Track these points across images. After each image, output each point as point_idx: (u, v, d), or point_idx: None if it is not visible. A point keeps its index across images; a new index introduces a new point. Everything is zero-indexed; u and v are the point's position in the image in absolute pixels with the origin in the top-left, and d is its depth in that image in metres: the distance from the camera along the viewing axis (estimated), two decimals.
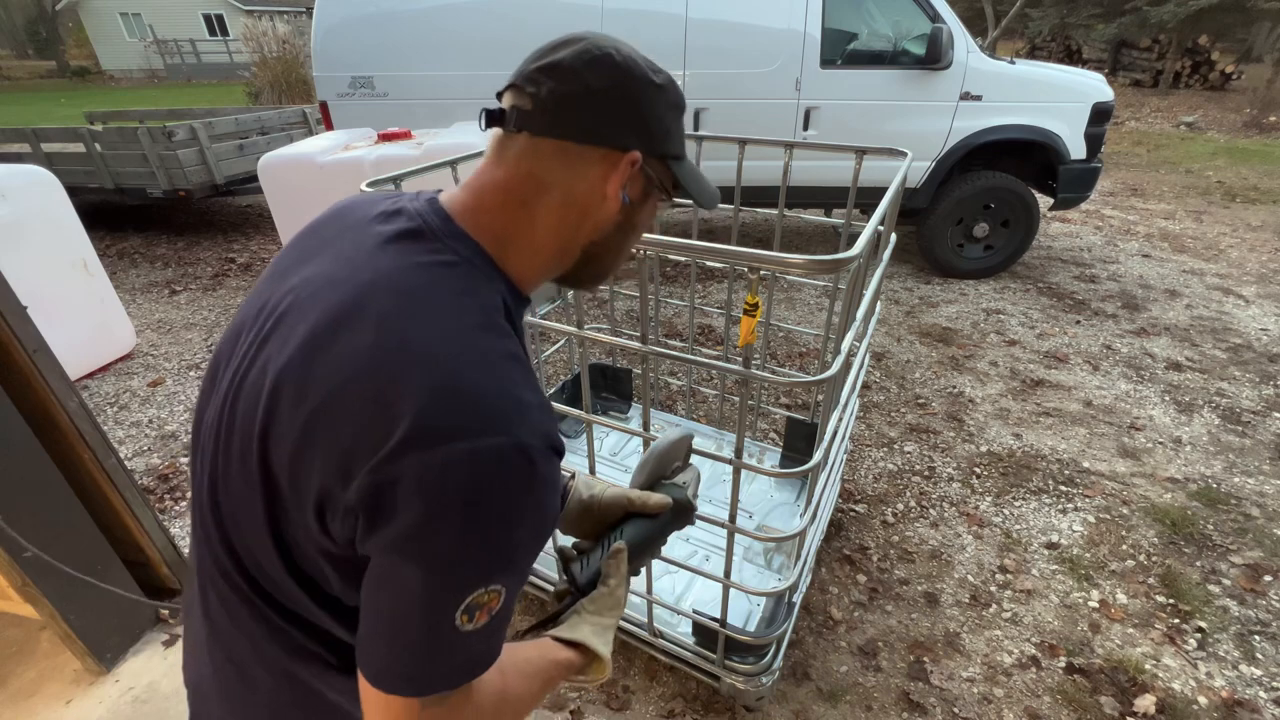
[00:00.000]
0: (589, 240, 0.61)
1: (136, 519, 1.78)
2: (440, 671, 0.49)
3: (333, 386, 0.48)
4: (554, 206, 0.57)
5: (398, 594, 0.47)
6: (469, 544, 0.47)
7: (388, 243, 0.54)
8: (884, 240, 1.61)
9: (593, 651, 0.67)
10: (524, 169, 0.56)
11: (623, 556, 0.74)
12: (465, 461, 0.46)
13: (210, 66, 24.40)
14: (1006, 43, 15.78)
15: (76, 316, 3.14)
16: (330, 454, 0.48)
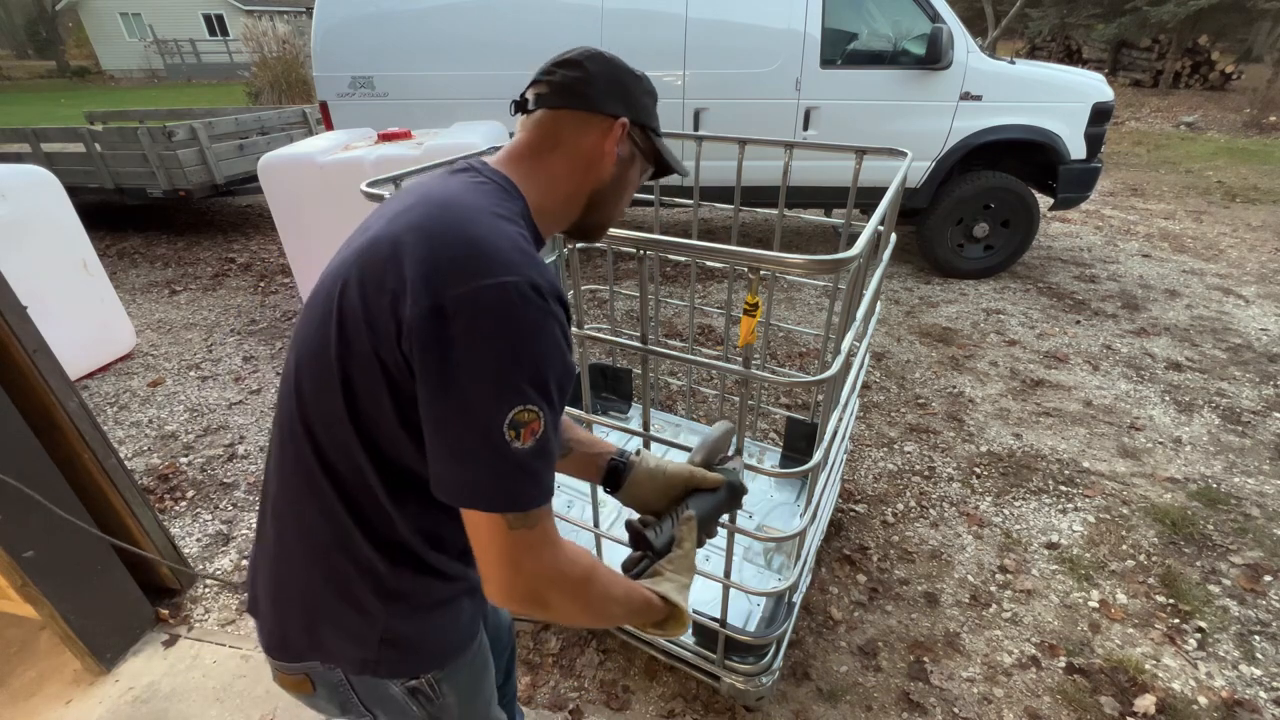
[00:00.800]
0: (592, 189, 0.78)
1: (136, 519, 1.78)
2: (506, 487, 0.60)
3: (393, 246, 0.62)
4: (565, 156, 0.76)
5: (453, 416, 0.59)
6: (501, 359, 0.58)
7: (444, 176, 0.74)
8: (884, 240, 1.61)
9: (673, 604, 0.77)
10: (543, 131, 0.76)
11: (694, 522, 0.84)
12: (491, 293, 0.58)
13: (210, 66, 24.40)
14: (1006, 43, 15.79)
15: (76, 316, 3.13)
16: (386, 294, 0.60)
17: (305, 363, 0.68)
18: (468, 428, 0.58)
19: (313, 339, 0.67)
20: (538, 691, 1.70)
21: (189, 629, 1.88)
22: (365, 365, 0.62)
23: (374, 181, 1.42)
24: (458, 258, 0.60)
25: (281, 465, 0.72)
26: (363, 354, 0.62)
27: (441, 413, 0.59)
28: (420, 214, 0.64)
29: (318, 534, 0.70)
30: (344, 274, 0.65)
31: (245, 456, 2.68)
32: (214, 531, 2.28)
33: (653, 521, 0.84)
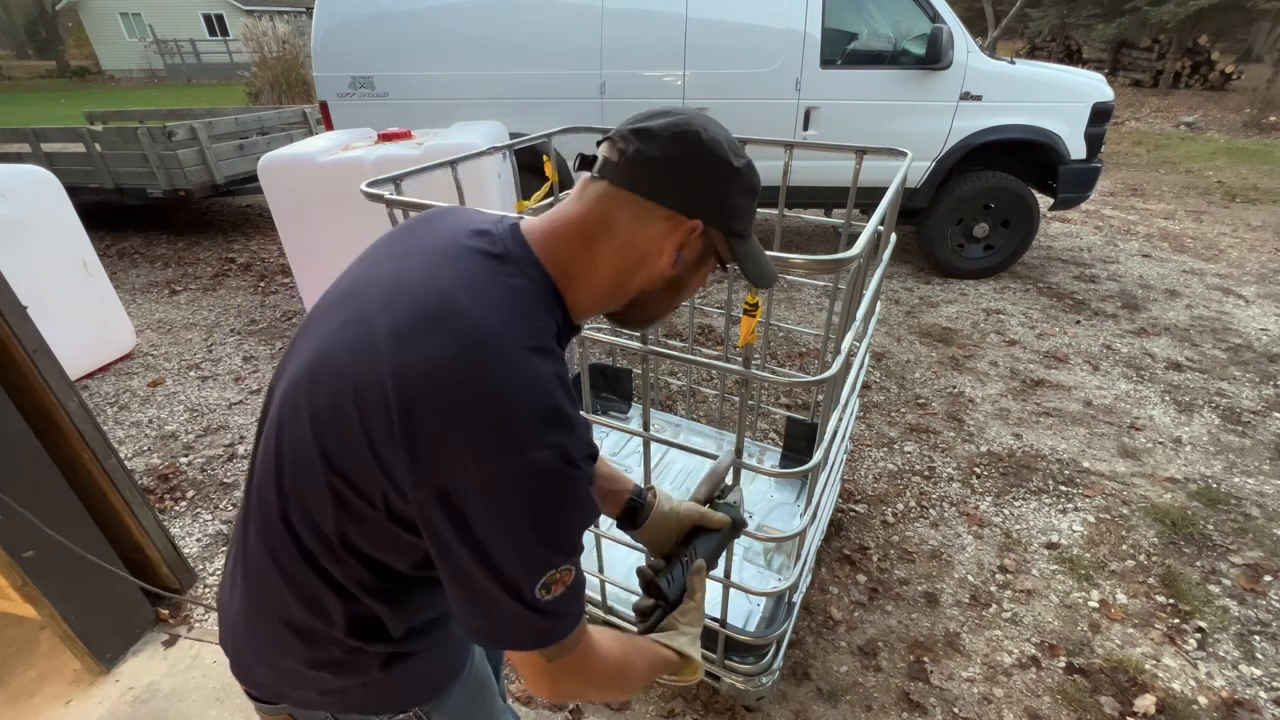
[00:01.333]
0: (640, 288, 0.68)
1: (136, 519, 1.78)
2: (541, 631, 0.59)
3: (400, 385, 0.54)
4: (615, 249, 0.64)
5: (483, 585, 0.56)
6: (531, 536, 0.55)
7: (472, 257, 0.62)
8: (884, 240, 1.61)
9: (687, 657, 0.78)
10: (598, 211, 0.64)
11: (704, 572, 0.85)
12: (521, 472, 0.53)
13: (210, 66, 24.39)
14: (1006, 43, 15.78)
15: (76, 316, 3.13)
16: (395, 449, 0.54)
17: (289, 456, 0.62)
18: (498, 593, 0.56)
19: (302, 442, 0.60)
20: None
21: (189, 629, 1.88)
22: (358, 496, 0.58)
23: (374, 181, 1.42)
24: (485, 431, 0.53)
25: (258, 537, 0.67)
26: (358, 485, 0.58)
27: (465, 577, 0.57)
28: (438, 346, 0.54)
29: (293, 612, 0.66)
30: (337, 384, 0.58)
31: (245, 456, 2.68)
32: (214, 531, 2.28)
33: (663, 568, 0.86)
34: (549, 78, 4.17)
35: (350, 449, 0.57)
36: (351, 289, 0.65)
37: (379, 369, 0.55)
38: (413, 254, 0.64)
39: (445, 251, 0.63)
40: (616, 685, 0.70)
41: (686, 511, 0.92)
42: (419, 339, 0.55)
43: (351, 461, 0.57)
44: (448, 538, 0.55)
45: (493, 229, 0.65)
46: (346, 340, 0.59)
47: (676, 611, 0.82)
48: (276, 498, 0.63)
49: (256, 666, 0.72)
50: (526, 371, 0.56)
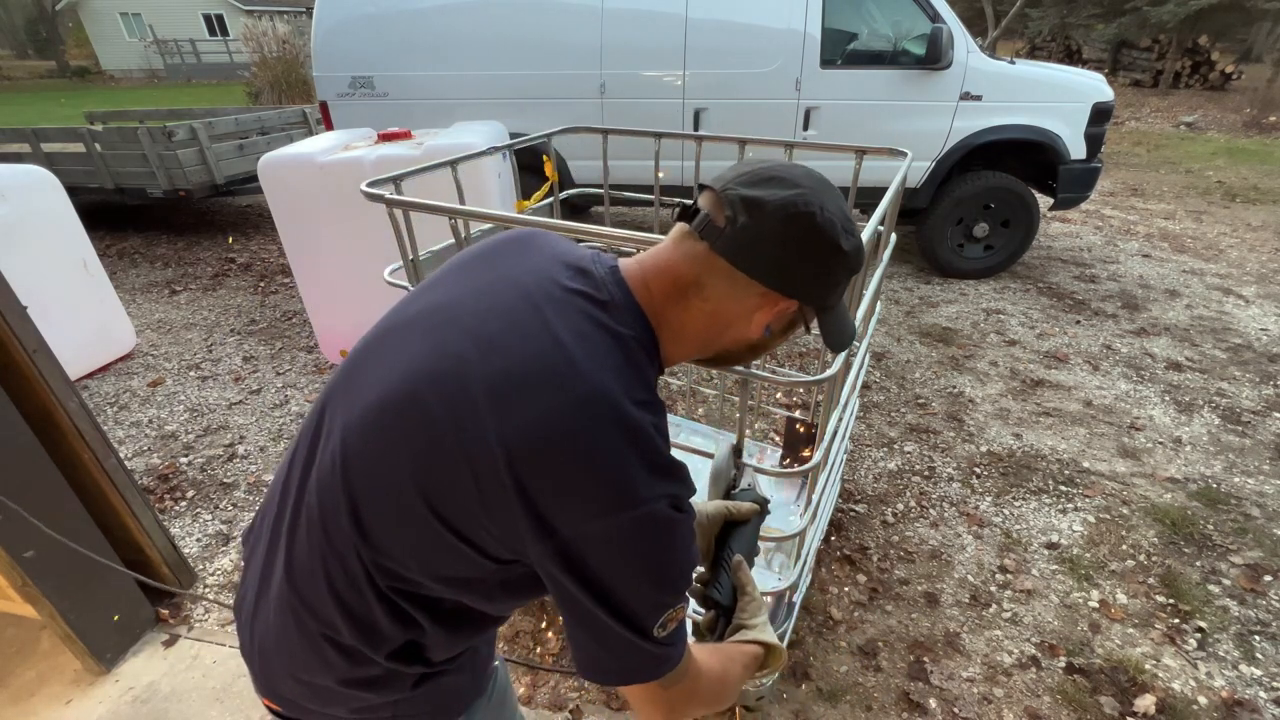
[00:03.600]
0: (724, 348, 0.69)
1: (136, 519, 1.78)
2: (657, 664, 0.61)
3: (532, 444, 0.54)
4: (706, 312, 0.64)
5: (607, 629, 0.58)
6: (653, 585, 0.58)
7: (573, 299, 0.61)
8: (884, 240, 1.61)
9: (770, 645, 0.80)
10: (694, 272, 0.62)
11: (745, 566, 0.86)
12: (640, 525, 0.55)
13: (210, 66, 24.39)
14: (1006, 43, 15.78)
15: (76, 316, 3.13)
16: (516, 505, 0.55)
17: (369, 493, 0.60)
18: (622, 633, 0.58)
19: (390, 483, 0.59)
20: (538, 691, 1.70)
21: (189, 629, 1.88)
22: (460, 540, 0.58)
23: (374, 181, 1.42)
24: (601, 489, 0.54)
25: (311, 559, 0.64)
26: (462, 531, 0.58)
27: (590, 622, 0.58)
28: (549, 405, 0.54)
29: (340, 632, 0.64)
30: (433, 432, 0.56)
31: (245, 456, 2.68)
32: (214, 531, 2.28)
33: (709, 578, 0.87)
34: (549, 78, 4.17)
35: (458, 500, 0.57)
36: (434, 314, 0.63)
37: (483, 427, 0.54)
38: (507, 287, 0.62)
39: (548, 294, 0.61)
40: (721, 696, 0.71)
41: (714, 511, 0.91)
42: (529, 396, 0.55)
43: (458, 510, 0.57)
44: (572, 589, 0.57)
45: (592, 269, 0.64)
46: (438, 377, 0.57)
47: (736, 611, 0.84)
48: (353, 530, 0.60)
49: (285, 682, 0.70)
50: (638, 428, 0.56)
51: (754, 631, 0.80)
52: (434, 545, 0.59)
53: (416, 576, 0.61)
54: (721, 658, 0.73)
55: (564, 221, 1.23)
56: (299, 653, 0.66)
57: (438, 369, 0.58)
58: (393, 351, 0.62)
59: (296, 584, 0.65)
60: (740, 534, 0.91)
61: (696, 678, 0.66)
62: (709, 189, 0.63)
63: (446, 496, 0.57)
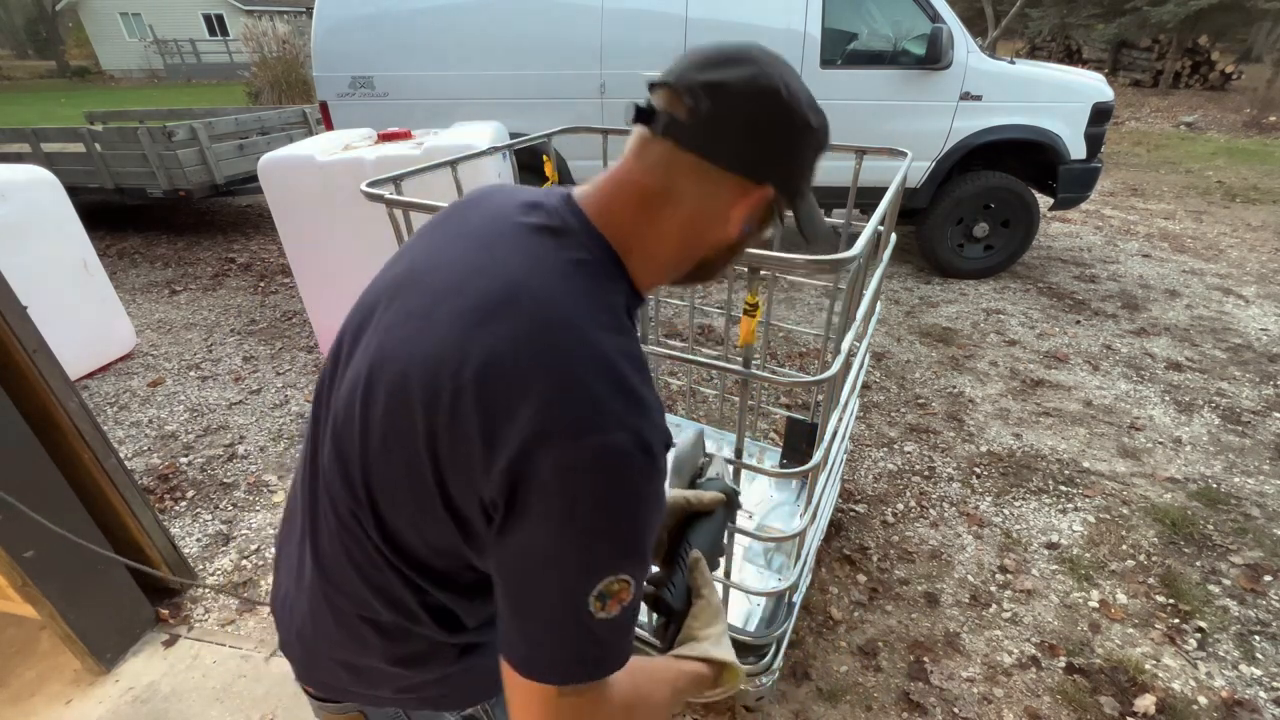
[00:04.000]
0: (703, 255, 0.64)
1: (136, 519, 1.78)
2: (577, 659, 0.53)
3: (486, 370, 0.51)
4: (680, 221, 0.59)
5: (535, 581, 0.52)
6: (599, 532, 0.51)
7: (529, 235, 0.58)
8: (884, 240, 1.61)
9: (720, 662, 0.70)
10: (660, 180, 0.58)
11: (703, 564, 0.77)
12: (595, 456, 0.49)
13: (210, 66, 24.39)
14: (1006, 43, 15.78)
15: (76, 316, 3.13)
16: (469, 439, 0.51)
17: (360, 457, 0.59)
18: (549, 594, 0.52)
19: (374, 442, 0.58)
20: None
21: (189, 629, 1.88)
22: (440, 501, 0.55)
23: (374, 181, 1.42)
24: (558, 412, 0.50)
25: (334, 540, 0.64)
26: (426, 483, 0.55)
27: (520, 572, 0.53)
28: (507, 328, 0.52)
29: (377, 610, 0.64)
30: (398, 382, 0.55)
31: (245, 456, 2.68)
32: (214, 531, 2.28)
33: (663, 578, 0.77)
34: (549, 78, 4.17)
35: (434, 451, 0.54)
36: (404, 280, 0.62)
37: (446, 369, 0.52)
38: (465, 237, 0.61)
39: (500, 232, 0.59)
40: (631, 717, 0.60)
41: (672, 502, 0.83)
42: (488, 323, 0.52)
43: (436, 463, 0.54)
44: (511, 526, 0.51)
45: (544, 201, 0.61)
46: (409, 336, 0.56)
47: (690, 617, 0.74)
48: (360, 511, 0.60)
49: (328, 668, 0.69)
50: (601, 350, 0.52)
51: (703, 645, 0.70)
52: (428, 514, 0.57)
53: (423, 552, 0.60)
54: (643, 678, 0.61)
55: None
56: (340, 638, 0.66)
57: (409, 327, 0.57)
58: (372, 321, 0.61)
59: (326, 570, 0.65)
60: (701, 528, 0.81)
61: (600, 699, 0.54)
62: (661, 85, 0.59)
63: (425, 452, 0.54)
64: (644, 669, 0.63)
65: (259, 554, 2.18)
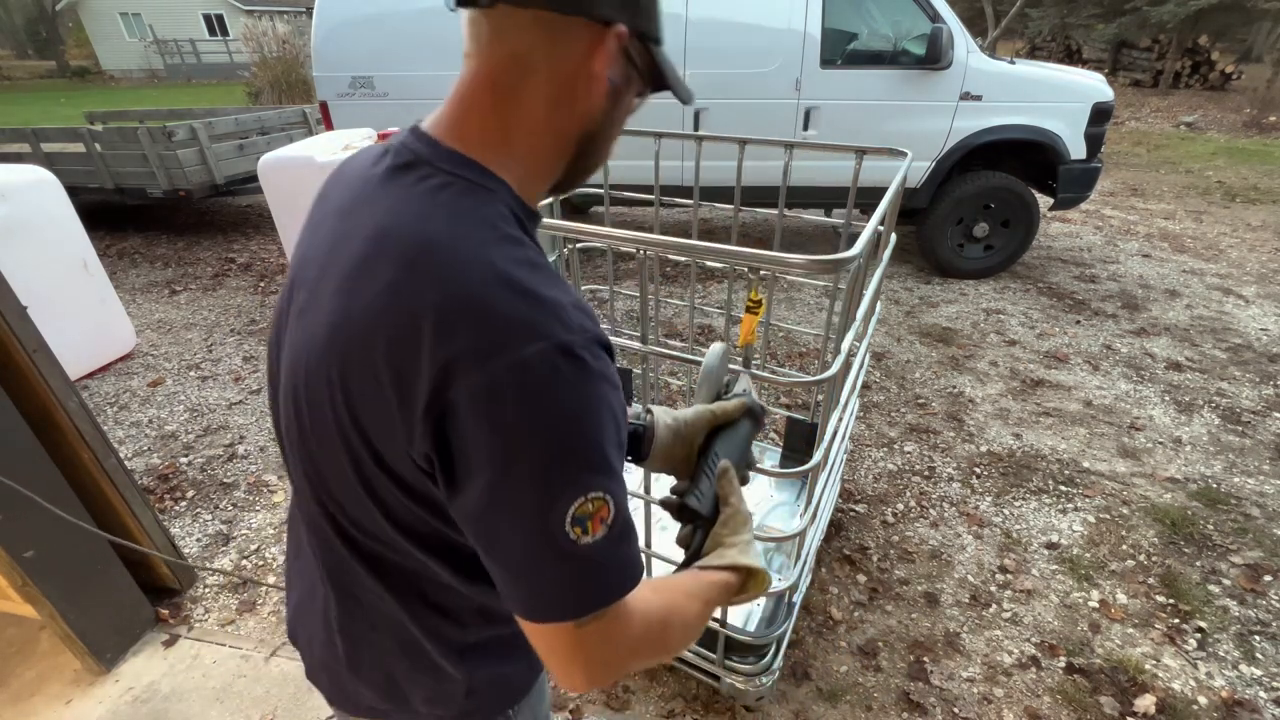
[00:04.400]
0: (581, 129, 0.56)
1: (136, 519, 1.78)
2: (579, 590, 0.50)
3: (375, 329, 0.48)
4: (541, 92, 0.53)
5: (504, 529, 0.48)
6: (545, 458, 0.47)
7: (382, 183, 0.54)
8: (884, 240, 1.61)
9: (747, 568, 0.68)
10: (504, 51, 0.52)
11: (731, 473, 0.75)
12: (511, 376, 0.45)
13: (210, 66, 24.39)
14: (1006, 43, 15.78)
15: (76, 316, 3.13)
16: (383, 396, 0.48)
17: (317, 461, 0.58)
18: (521, 538, 0.48)
19: (320, 442, 0.56)
20: None
21: (189, 629, 1.88)
22: (374, 468, 0.53)
23: None
24: (457, 334, 0.46)
25: (320, 547, 0.64)
26: (366, 458, 0.53)
27: (485, 525, 0.49)
28: (383, 278, 0.49)
29: (380, 614, 0.64)
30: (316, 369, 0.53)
31: (245, 456, 2.68)
32: (214, 531, 2.28)
33: (689, 487, 0.76)
34: None
35: (371, 428, 0.52)
36: (293, 284, 0.60)
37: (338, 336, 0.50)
38: (330, 215, 0.58)
39: (356, 194, 0.56)
40: (664, 643, 0.57)
41: (695, 416, 0.81)
42: (363, 283, 0.50)
43: (382, 436, 0.52)
44: (458, 480, 0.48)
45: (391, 144, 0.57)
46: (305, 336, 0.54)
47: (718, 524, 0.73)
48: (328, 510, 0.60)
49: (363, 684, 0.69)
50: (485, 265, 0.48)
51: (730, 552, 0.69)
52: (391, 502, 0.55)
53: (406, 546, 0.58)
54: (670, 593, 0.59)
55: (564, 222, 1.23)
56: (373, 649, 0.66)
57: (300, 335, 0.55)
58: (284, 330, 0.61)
59: (346, 584, 0.65)
60: (727, 438, 0.79)
61: (627, 615, 0.52)
62: None
63: (358, 439, 0.52)
64: (669, 585, 0.61)
65: (259, 554, 2.18)
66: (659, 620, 0.56)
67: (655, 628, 0.55)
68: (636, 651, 0.54)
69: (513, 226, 0.52)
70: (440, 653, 0.64)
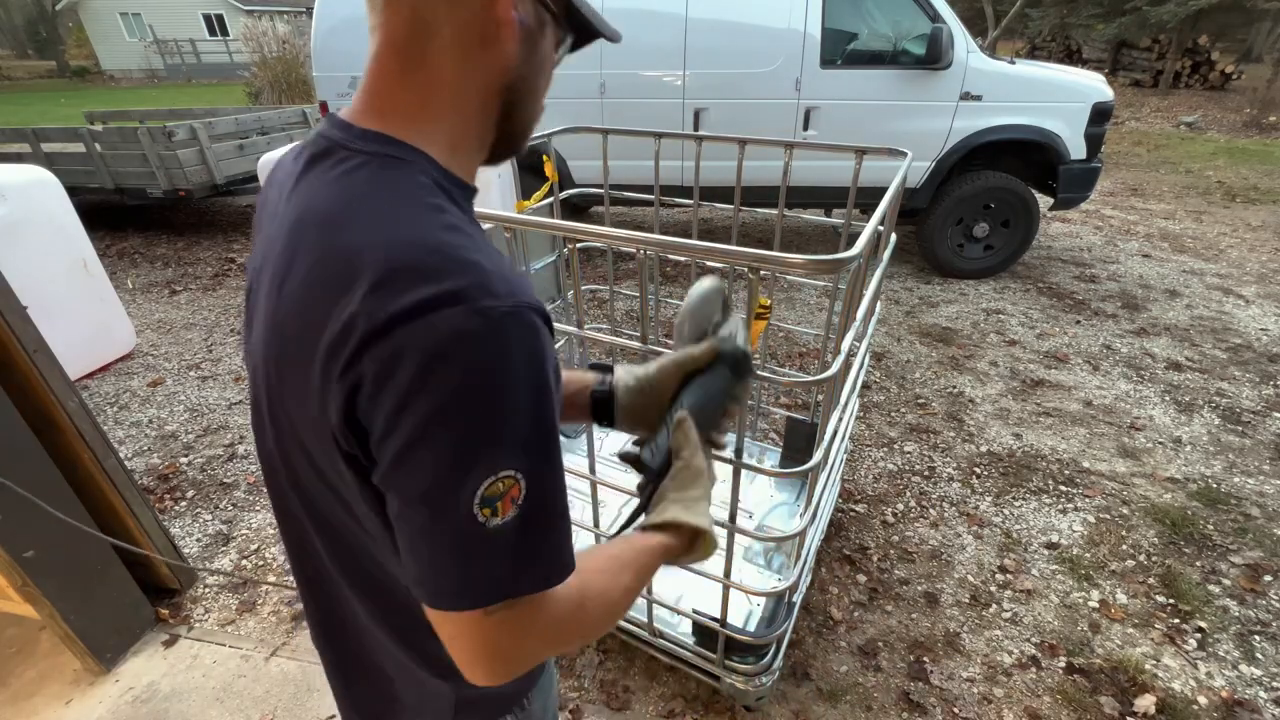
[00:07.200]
0: (502, 81, 0.53)
1: (136, 519, 1.78)
2: (487, 577, 0.46)
3: (305, 321, 0.47)
4: (448, 49, 0.49)
5: (412, 508, 0.46)
6: (452, 429, 0.43)
7: (302, 176, 0.52)
8: (884, 240, 1.61)
9: (688, 527, 0.64)
10: (403, 13, 0.49)
11: (688, 423, 0.69)
12: (417, 341, 0.42)
13: (210, 66, 24.40)
14: (1006, 43, 15.78)
15: (76, 316, 3.13)
16: (323, 388, 0.46)
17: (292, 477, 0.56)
18: (424, 518, 0.45)
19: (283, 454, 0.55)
20: None
21: (189, 629, 1.88)
22: (341, 472, 0.50)
23: None
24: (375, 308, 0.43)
25: (310, 562, 0.63)
26: (322, 458, 0.51)
27: (393, 505, 0.47)
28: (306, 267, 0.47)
29: (362, 628, 0.63)
30: (265, 377, 0.53)
31: (245, 456, 2.68)
32: (214, 531, 2.28)
33: (648, 439, 0.71)
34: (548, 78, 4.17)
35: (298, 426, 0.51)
36: (247, 290, 0.59)
37: (274, 337, 0.50)
38: (266, 220, 0.56)
39: (282, 191, 0.54)
40: (581, 630, 0.54)
41: (658, 369, 0.75)
42: (288, 278, 0.48)
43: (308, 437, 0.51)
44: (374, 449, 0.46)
45: (309, 135, 0.55)
46: (255, 345, 0.54)
47: (665, 480, 0.67)
48: (317, 521, 0.58)
49: (368, 703, 0.68)
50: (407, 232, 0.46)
51: (672, 509, 0.64)
52: (339, 491, 0.53)
53: (371, 529, 0.55)
54: (588, 572, 0.55)
55: (564, 221, 1.23)
56: (397, 667, 0.65)
57: (255, 346, 0.54)
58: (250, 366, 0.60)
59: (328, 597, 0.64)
60: (695, 387, 0.72)
61: (538, 607, 0.49)
62: None
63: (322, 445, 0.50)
64: (594, 563, 0.57)
65: (259, 554, 2.18)
66: (575, 605, 0.52)
67: (571, 615, 0.51)
68: (550, 642, 0.51)
69: (435, 196, 0.49)
70: (427, 670, 0.63)
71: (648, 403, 0.74)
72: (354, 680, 0.69)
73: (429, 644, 0.59)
